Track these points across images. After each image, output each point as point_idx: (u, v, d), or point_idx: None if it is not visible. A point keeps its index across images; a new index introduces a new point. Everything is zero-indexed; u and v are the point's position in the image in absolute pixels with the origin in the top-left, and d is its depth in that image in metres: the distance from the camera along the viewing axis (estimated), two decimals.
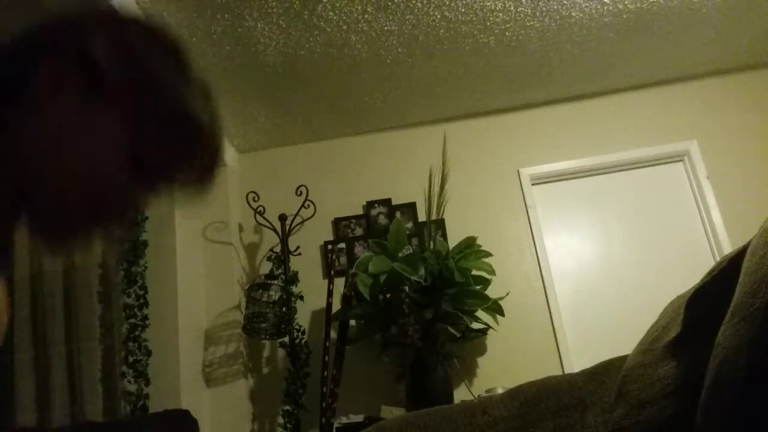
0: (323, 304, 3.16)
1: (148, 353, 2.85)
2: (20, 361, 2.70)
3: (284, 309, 3.16)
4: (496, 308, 3.06)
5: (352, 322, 3.14)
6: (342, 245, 3.53)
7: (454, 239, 3.31)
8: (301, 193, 3.47)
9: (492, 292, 3.09)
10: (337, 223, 3.59)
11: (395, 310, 2.91)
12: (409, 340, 2.83)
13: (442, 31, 2.97)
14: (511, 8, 2.88)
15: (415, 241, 3.37)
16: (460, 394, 3.06)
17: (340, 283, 3.23)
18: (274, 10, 2.68)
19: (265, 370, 3.35)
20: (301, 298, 3.36)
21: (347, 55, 3.05)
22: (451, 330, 3.07)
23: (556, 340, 3.24)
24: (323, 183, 3.63)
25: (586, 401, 1.32)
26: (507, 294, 3.19)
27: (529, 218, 3.49)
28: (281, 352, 3.30)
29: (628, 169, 3.59)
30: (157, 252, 3.05)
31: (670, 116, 3.59)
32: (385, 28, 2.90)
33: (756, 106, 3.52)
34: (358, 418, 2.80)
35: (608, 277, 3.39)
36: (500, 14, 2.91)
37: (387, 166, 3.70)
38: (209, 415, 3.11)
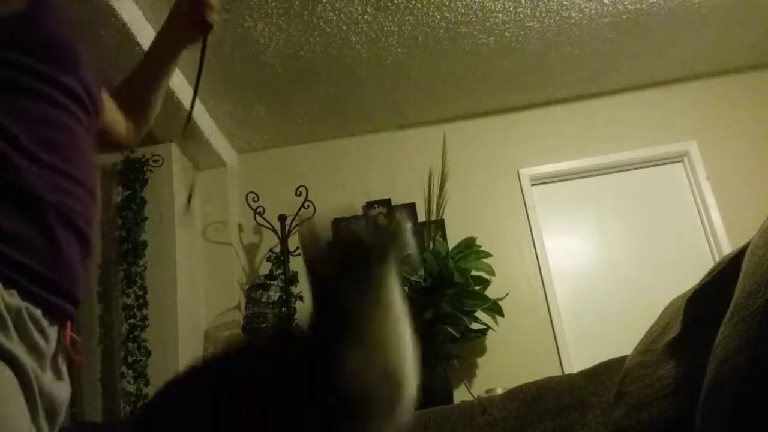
0: None
1: (148, 354, 2.85)
2: None
3: (284, 309, 3.16)
4: (495, 309, 3.06)
5: None
6: None
7: (453, 240, 3.31)
8: (300, 194, 3.47)
9: (491, 292, 3.09)
10: (336, 223, 3.58)
11: None
12: None
13: (441, 31, 2.97)
14: (511, 9, 2.88)
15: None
16: (460, 395, 3.06)
17: None
18: (274, 10, 2.68)
19: None
20: (301, 298, 3.35)
21: (347, 55, 3.05)
22: (451, 330, 3.06)
23: (555, 340, 3.24)
24: (323, 183, 3.62)
25: (586, 401, 1.32)
26: (506, 295, 3.19)
27: (528, 219, 3.49)
28: None
29: (628, 170, 3.59)
30: (156, 252, 3.05)
31: (670, 117, 3.59)
32: (385, 28, 2.90)
33: (756, 107, 3.52)
34: None
35: (608, 278, 3.39)
36: (500, 15, 2.91)
37: (387, 167, 3.70)
38: None
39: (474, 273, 3.07)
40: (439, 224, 3.39)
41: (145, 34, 2.54)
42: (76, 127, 0.94)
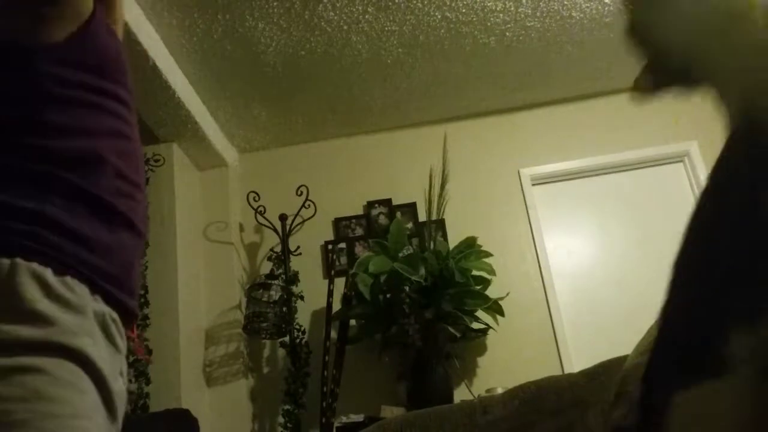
0: (323, 303, 3.16)
1: (149, 353, 2.86)
2: None
3: (285, 309, 3.17)
4: (496, 308, 3.06)
5: (353, 322, 3.15)
6: (342, 245, 3.53)
7: (454, 239, 3.31)
8: (301, 193, 3.48)
9: (492, 292, 3.09)
10: (337, 223, 3.59)
11: (395, 310, 2.91)
12: (409, 340, 2.83)
13: (442, 31, 2.97)
14: (512, 9, 2.88)
15: (415, 241, 3.37)
16: (460, 394, 3.06)
17: (340, 283, 3.24)
18: (275, 10, 2.69)
19: (266, 370, 3.36)
20: (302, 297, 3.36)
21: (348, 55, 3.05)
22: (452, 330, 3.07)
23: (555, 340, 3.24)
24: (324, 183, 3.63)
25: (586, 401, 1.32)
26: (507, 294, 3.19)
27: (529, 219, 3.49)
28: (281, 352, 3.31)
29: (629, 170, 3.59)
30: (158, 252, 3.05)
31: (671, 117, 3.59)
32: (386, 28, 2.90)
33: None
34: (359, 417, 2.81)
35: (608, 278, 3.40)
36: (501, 15, 2.91)
37: (387, 167, 3.70)
38: (209, 415, 3.11)
39: (475, 273, 3.07)
40: (440, 224, 3.39)
41: (146, 34, 2.55)
42: (133, 133, 1.00)
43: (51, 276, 0.79)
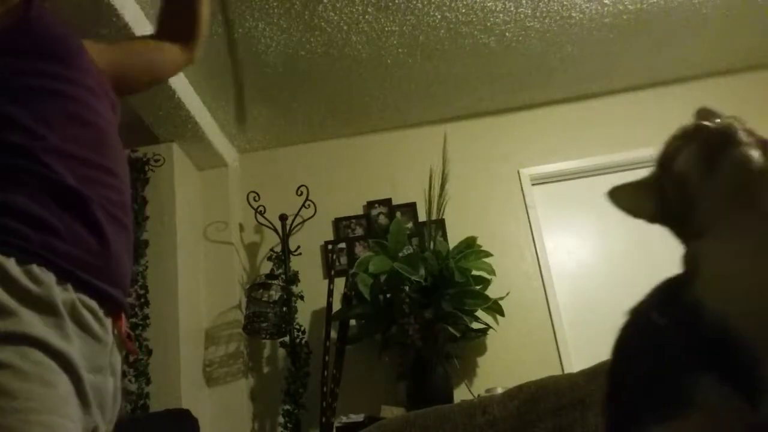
0: (324, 303, 3.16)
1: (149, 353, 2.86)
2: None
3: (284, 309, 3.17)
4: (496, 308, 3.06)
5: (353, 322, 3.15)
6: (342, 245, 3.53)
7: (454, 239, 3.31)
8: (301, 193, 3.48)
9: (492, 292, 3.09)
10: (337, 223, 3.59)
11: (395, 310, 2.91)
12: (409, 340, 2.83)
13: (442, 31, 2.97)
14: (512, 9, 2.88)
15: (415, 241, 3.37)
16: (460, 394, 3.06)
17: (340, 283, 3.24)
18: (275, 10, 2.69)
19: (266, 370, 3.36)
20: (302, 297, 3.36)
21: (348, 55, 3.05)
22: (451, 330, 3.07)
23: (555, 340, 3.24)
24: (324, 183, 3.63)
25: (586, 401, 1.32)
26: (507, 294, 3.19)
27: (529, 218, 3.49)
28: (281, 352, 3.31)
29: (629, 170, 3.58)
30: (158, 252, 3.05)
31: (671, 117, 3.57)
32: (386, 28, 2.91)
33: (756, 107, 3.52)
34: (359, 417, 2.81)
35: (608, 278, 3.40)
36: (501, 15, 2.91)
37: (387, 167, 3.70)
38: (209, 415, 3.11)
39: (474, 272, 3.07)
40: (440, 224, 3.39)
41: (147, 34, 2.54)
42: (98, 119, 0.98)
43: (14, 266, 0.77)
